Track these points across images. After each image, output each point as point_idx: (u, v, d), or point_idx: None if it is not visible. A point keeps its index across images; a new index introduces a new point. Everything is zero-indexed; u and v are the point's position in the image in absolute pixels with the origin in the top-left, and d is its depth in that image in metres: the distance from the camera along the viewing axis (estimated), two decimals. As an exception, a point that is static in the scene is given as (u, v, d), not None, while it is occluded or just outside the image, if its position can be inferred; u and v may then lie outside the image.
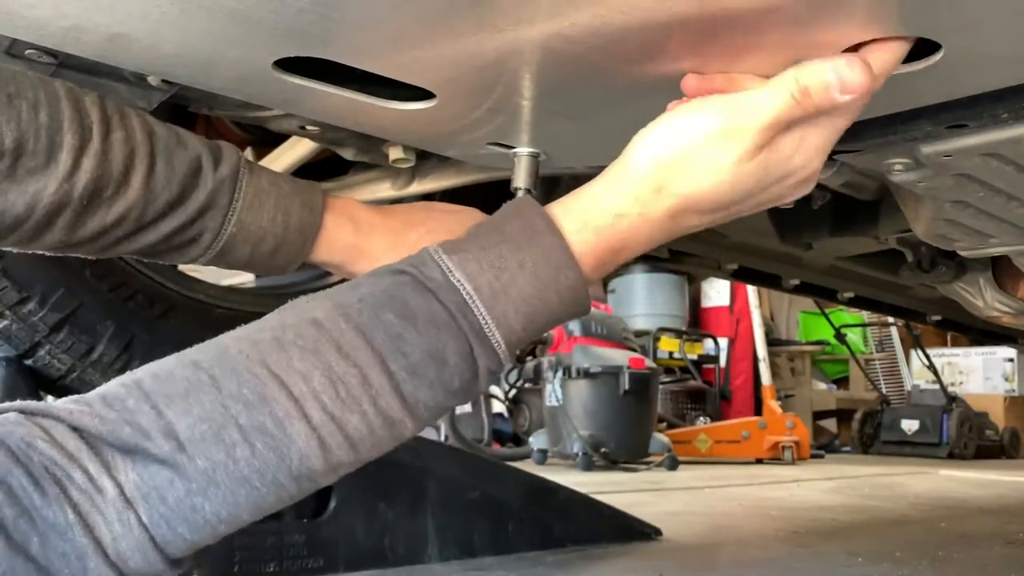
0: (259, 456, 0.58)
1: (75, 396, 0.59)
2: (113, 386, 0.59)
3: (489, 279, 0.64)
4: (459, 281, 0.64)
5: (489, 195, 1.28)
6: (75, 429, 0.56)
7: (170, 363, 0.61)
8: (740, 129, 0.67)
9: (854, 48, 0.71)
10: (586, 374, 4.66)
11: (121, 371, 1.55)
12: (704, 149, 0.67)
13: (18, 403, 0.58)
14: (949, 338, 7.90)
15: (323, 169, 1.41)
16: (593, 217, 0.68)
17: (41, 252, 0.81)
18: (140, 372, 0.61)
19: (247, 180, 0.85)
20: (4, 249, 1.38)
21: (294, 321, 0.63)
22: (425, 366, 0.62)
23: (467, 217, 0.96)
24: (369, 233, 0.91)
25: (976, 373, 7.71)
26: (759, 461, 5.50)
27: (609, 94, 0.85)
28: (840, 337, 6.77)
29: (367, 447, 0.62)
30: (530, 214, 0.68)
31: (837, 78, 0.66)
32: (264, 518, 0.63)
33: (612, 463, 4.55)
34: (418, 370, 0.62)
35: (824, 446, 6.99)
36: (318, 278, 1.78)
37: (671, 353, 6.89)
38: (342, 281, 1.83)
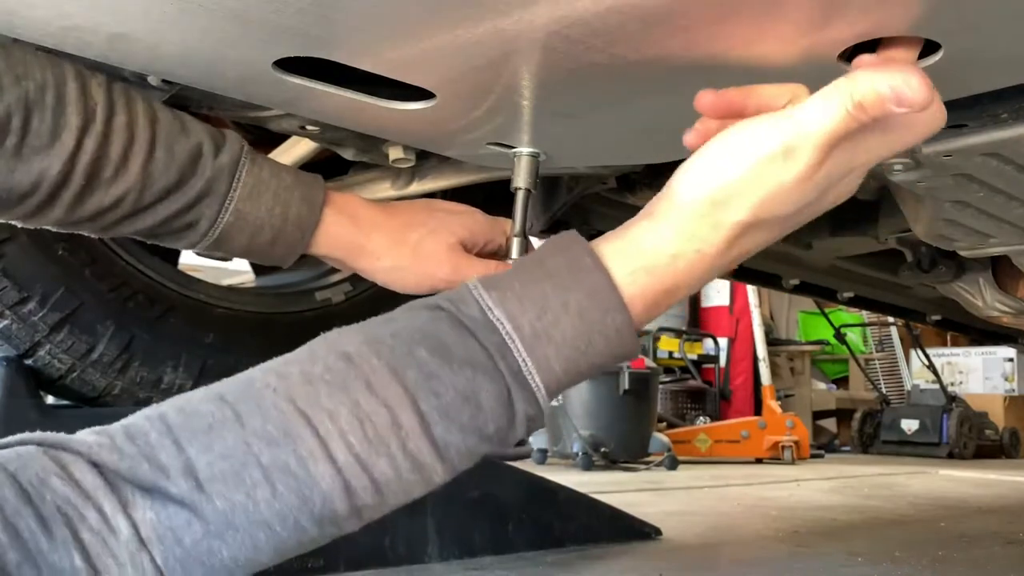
0: (280, 498, 0.56)
1: (98, 428, 0.57)
2: (138, 418, 0.58)
3: (531, 319, 0.61)
4: (499, 320, 0.60)
5: (489, 195, 1.28)
6: (94, 464, 0.54)
7: (197, 396, 0.59)
8: (800, 148, 0.62)
9: (854, 48, 0.71)
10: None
11: (121, 371, 1.56)
12: (764, 172, 0.63)
13: (38, 435, 0.56)
14: (949, 338, 7.90)
15: (323, 169, 1.40)
16: (646, 256, 0.63)
17: (46, 227, 0.84)
18: (166, 405, 0.59)
19: (247, 170, 0.86)
20: (4, 248, 1.38)
21: (324, 354, 0.60)
22: (459, 408, 0.59)
23: (470, 218, 0.95)
24: (370, 231, 0.91)
25: (976, 373, 7.71)
26: (759, 461, 5.50)
27: (609, 94, 0.85)
28: (840, 337, 6.77)
29: (393, 491, 0.59)
30: (576, 251, 0.64)
31: (891, 91, 0.61)
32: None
33: (612, 463, 4.55)
34: (451, 412, 0.59)
35: (824, 446, 7.00)
36: (319, 277, 1.79)
37: (671, 353, 6.90)
38: (345, 280, 1.83)
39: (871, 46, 0.71)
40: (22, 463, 0.53)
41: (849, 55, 0.72)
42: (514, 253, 0.95)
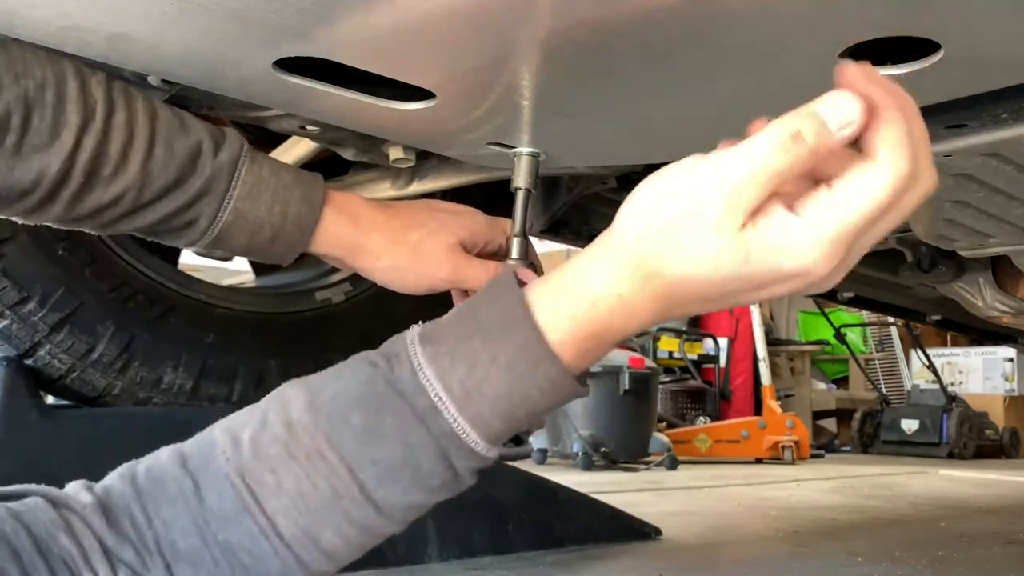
0: (238, 574, 0.59)
1: (87, 486, 0.61)
2: (117, 485, 0.61)
3: (461, 377, 0.60)
4: (428, 381, 0.60)
5: (489, 195, 1.28)
6: (89, 527, 0.58)
7: (164, 458, 0.62)
8: (732, 191, 0.54)
9: (857, 47, 0.71)
10: (586, 373, 4.65)
11: (121, 371, 1.56)
12: (694, 218, 0.55)
13: (42, 488, 0.60)
14: (949, 338, 7.90)
15: (323, 169, 1.40)
16: (570, 302, 0.60)
17: (46, 225, 0.84)
18: (140, 465, 0.62)
19: (247, 169, 0.86)
20: (4, 248, 1.39)
21: (272, 420, 0.62)
22: (398, 472, 0.60)
23: (470, 219, 0.95)
24: (370, 230, 0.91)
25: (976, 373, 7.71)
26: (759, 461, 5.50)
27: (609, 94, 0.85)
28: (840, 337, 6.77)
29: (345, 556, 0.62)
30: (508, 300, 0.61)
31: (833, 110, 0.52)
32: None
33: (612, 463, 4.55)
34: (389, 476, 0.60)
35: (824, 446, 6.99)
36: (319, 278, 1.78)
37: (671, 353, 6.90)
38: (345, 280, 1.82)
39: (872, 46, 0.71)
40: (34, 517, 0.57)
41: (850, 55, 0.72)
42: (514, 253, 0.95)
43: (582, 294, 0.60)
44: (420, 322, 0.64)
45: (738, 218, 0.54)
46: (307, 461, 0.59)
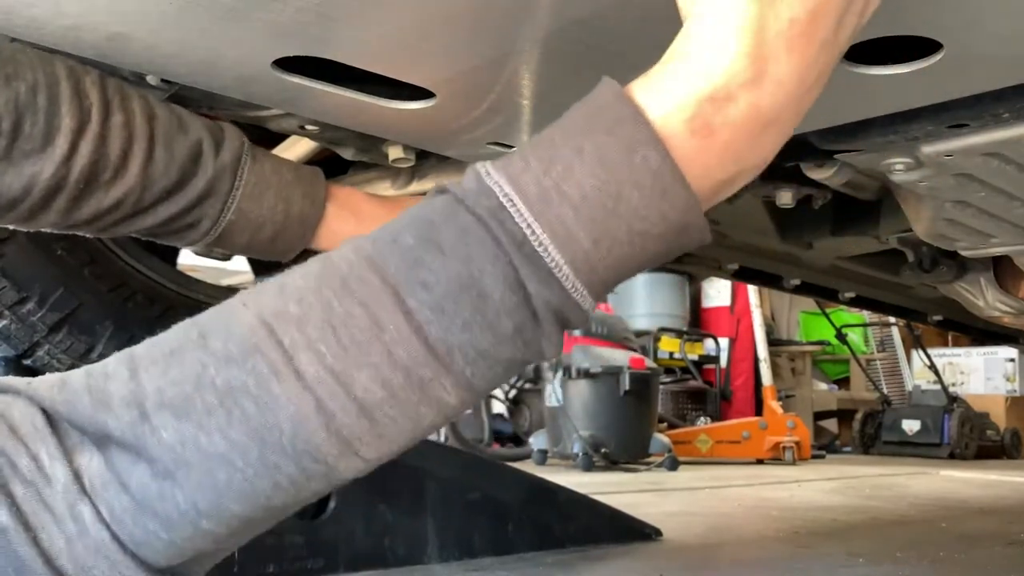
0: (237, 425, 0.45)
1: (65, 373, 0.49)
2: (108, 360, 0.49)
3: (536, 175, 0.46)
4: (495, 183, 0.47)
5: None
6: (35, 405, 0.46)
7: (177, 325, 0.50)
8: None
9: (858, 46, 0.71)
10: (586, 374, 4.66)
11: (120, 371, 1.55)
12: None
13: None
14: (950, 338, 7.90)
15: (323, 169, 1.40)
16: (680, 59, 0.48)
17: (41, 230, 0.82)
18: (149, 339, 0.50)
19: (249, 167, 0.85)
20: (3, 248, 1.38)
21: (307, 263, 0.50)
22: (456, 300, 0.46)
23: None
24: (372, 225, 0.90)
25: (977, 373, 7.70)
26: (760, 461, 5.50)
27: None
28: (841, 337, 6.77)
29: (390, 416, 0.47)
30: (601, 89, 0.50)
31: None
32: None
33: (612, 463, 4.55)
34: (446, 306, 0.46)
35: (825, 446, 6.99)
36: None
37: (671, 353, 6.89)
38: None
39: (872, 46, 0.71)
40: None
41: (851, 54, 0.72)
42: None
43: (685, 51, 0.48)
44: None
45: None
46: (341, 287, 0.47)
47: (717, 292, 7.66)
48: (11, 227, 0.81)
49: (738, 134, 0.48)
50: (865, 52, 0.72)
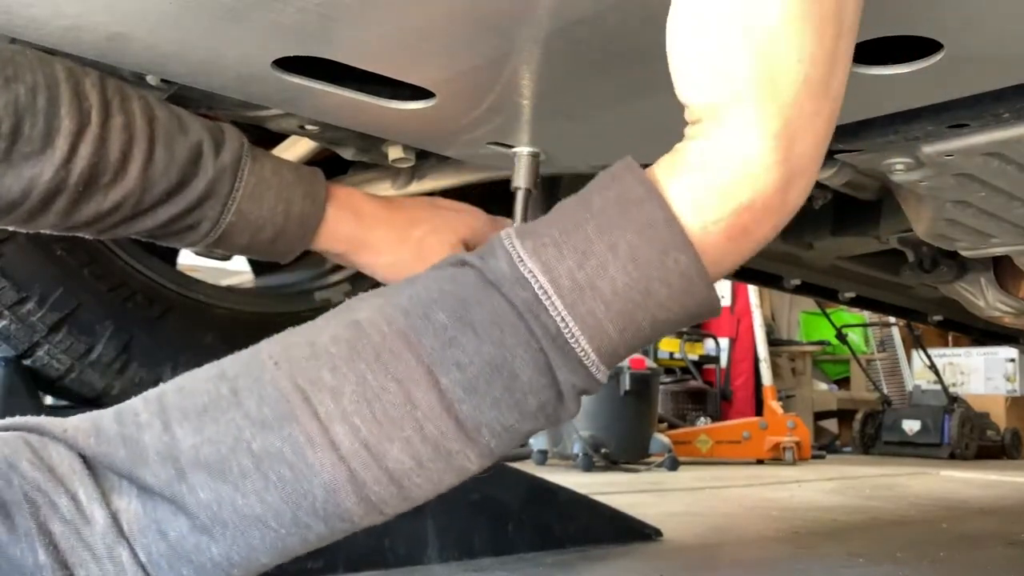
0: (274, 491, 0.48)
1: (93, 413, 0.52)
2: (136, 399, 0.52)
3: (570, 267, 0.49)
4: (531, 272, 0.49)
5: (490, 195, 1.28)
6: (71, 448, 0.48)
7: (202, 373, 0.52)
8: None
9: (858, 46, 0.71)
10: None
11: (120, 371, 1.56)
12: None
13: (20, 419, 0.51)
14: (950, 338, 7.90)
15: (323, 169, 1.40)
16: (706, 174, 0.50)
17: (41, 232, 0.82)
18: (171, 383, 0.52)
19: (249, 168, 0.84)
20: (2, 248, 1.38)
21: (335, 321, 0.53)
22: (488, 380, 0.49)
23: (472, 217, 0.95)
24: (372, 226, 0.91)
25: (977, 373, 7.70)
26: (760, 462, 5.49)
27: (609, 94, 0.84)
28: (841, 337, 6.77)
29: (416, 483, 0.50)
30: (628, 179, 0.51)
31: None
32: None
33: (612, 464, 4.55)
34: (478, 386, 0.49)
35: (825, 447, 6.99)
36: (319, 278, 1.78)
37: (672, 353, 6.89)
38: (344, 281, 1.82)
39: (872, 46, 0.71)
40: None
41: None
42: (515, 253, 0.95)
43: (721, 163, 0.50)
44: None
45: None
46: (376, 360, 0.49)
47: (717, 292, 7.65)
48: (10, 228, 0.81)
49: (770, 230, 0.52)
50: (865, 52, 0.72)
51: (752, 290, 6.69)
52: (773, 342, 7.26)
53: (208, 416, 0.49)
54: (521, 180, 0.97)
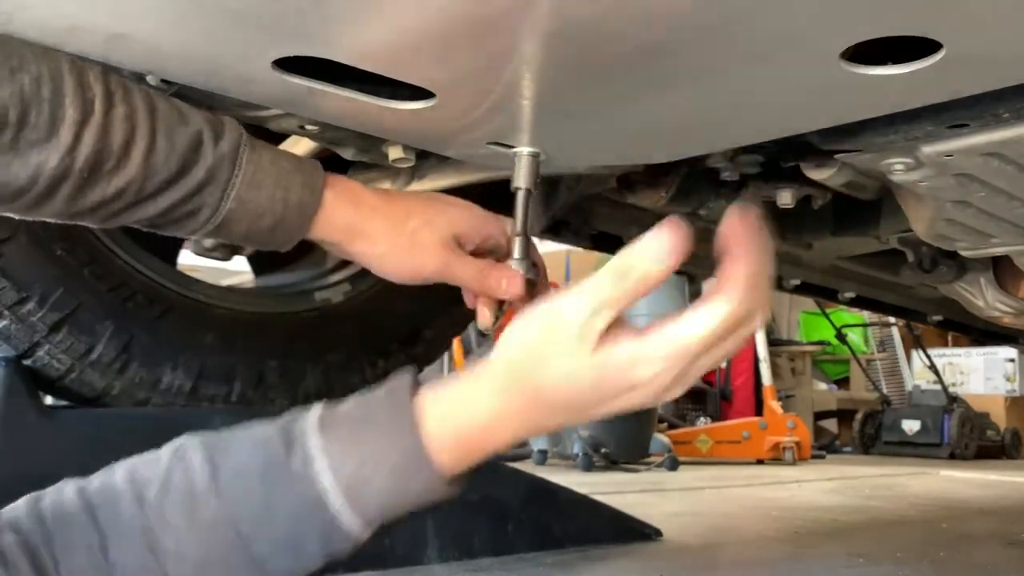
0: None
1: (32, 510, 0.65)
2: (25, 522, 0.65)
3: (351, 471, 0.67)
4: (318, 472, 0.67)
5: (490, 195, 1.28)
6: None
7: (68, 498, 0.66)
8: (583, 322, 0.64)
9: (858, 46, 0.71)
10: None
11: (120, 371, 1.56)
12: (556, 346, 0.65)
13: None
14: (950, 338, 7.89)
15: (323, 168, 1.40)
16: (454, 416, 0.68)
17: (45, 221, 0.83)
18: (46, 500, 0.66)
19: (247, 157, 0.85)
20: (3, 248, 1.38)
21: (177, 482, 0.67)
22: (286, 549, 0.67)
23: (468, 212, 0.95)
24: (370, 216, 0.91)
25: (977, 373, 7.70)
26: (760, 462, 5.50)
27: (609, 94, 0.85)
28: (841, 337, 6.77)
29: None
30: (402, 411, 0.69)
31: (650, 250, 0.64)
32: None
33: (612, 463, 4.55)
34: (280, 552, 0.67)
35: (825, 446, 6.99)
36: (319, 277, 1.78)
37: (672, 353, 6.88)
38: (344, 281, 1.81)
39: (873, 45, 0.71)
40: None
41: (851, 54, 0.72)
42: (516, 253, 0.95)
43: (465, 408, 0.68)
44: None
45: (590, 344, 0.64)
46: (209, 532, 0.66)
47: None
48: (18, 216, 0.82)
49: (487, 451, 0.70)
50: (865, 52, 0.72)
51: (752, 290, 6.67)
52: (773, 342, 7.25)
53: (85, 559, 0.65)
54: (521, 180, 0.97)
